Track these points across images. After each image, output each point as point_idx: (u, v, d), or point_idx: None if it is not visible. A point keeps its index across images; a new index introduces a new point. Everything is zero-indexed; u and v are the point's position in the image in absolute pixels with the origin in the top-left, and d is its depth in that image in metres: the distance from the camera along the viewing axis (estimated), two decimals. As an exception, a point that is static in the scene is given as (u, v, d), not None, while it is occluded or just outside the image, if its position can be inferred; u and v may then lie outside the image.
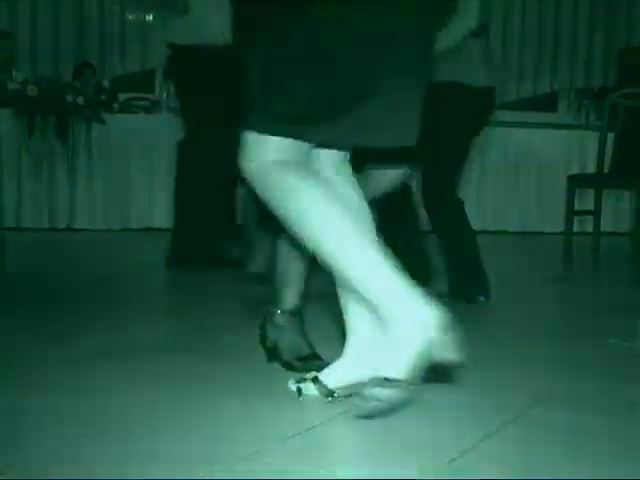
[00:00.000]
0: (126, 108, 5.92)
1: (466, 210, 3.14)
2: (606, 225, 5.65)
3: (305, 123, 1.66)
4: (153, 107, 6.08)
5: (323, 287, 1.82)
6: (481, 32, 2.97)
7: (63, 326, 2.46)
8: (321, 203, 1.64)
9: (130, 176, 5.72)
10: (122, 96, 6.12)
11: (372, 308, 1.58)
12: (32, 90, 5.35)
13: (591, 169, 5.36)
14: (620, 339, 2.45)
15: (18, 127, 5.45)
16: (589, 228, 5.17)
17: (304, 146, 1.70)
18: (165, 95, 6.32)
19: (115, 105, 5.79)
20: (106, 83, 5.95)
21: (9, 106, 5.43)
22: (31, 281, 3.47)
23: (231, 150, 1.83)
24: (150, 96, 6.41)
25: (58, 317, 2.61)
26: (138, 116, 5.92)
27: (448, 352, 1.51)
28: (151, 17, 6.96)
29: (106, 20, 6.88)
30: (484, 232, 5.79)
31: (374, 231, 1.75)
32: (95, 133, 5.60)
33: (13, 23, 6.37)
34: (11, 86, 5.52)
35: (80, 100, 5.42)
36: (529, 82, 7.27)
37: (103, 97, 5.68)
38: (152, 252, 4.68)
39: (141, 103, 6.12)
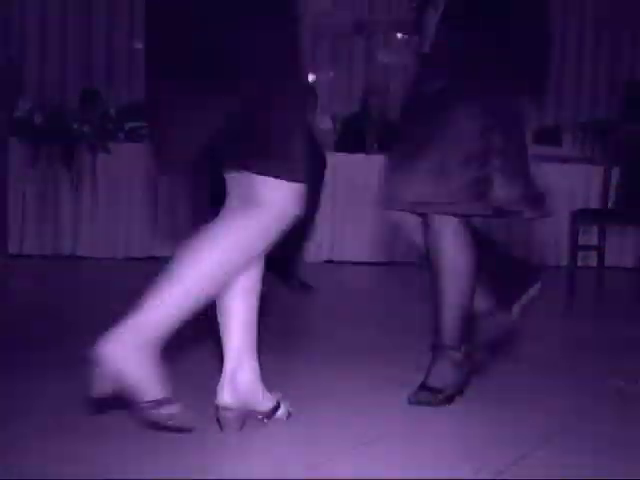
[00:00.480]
0: (132, 137, 5.93)
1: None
2: (610, 259, 5.63)
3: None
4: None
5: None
6: None
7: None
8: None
9: (134, 205, 5.72)
10: (128, 125, 6.13)
11: None
12: (38, 118, 5.38)
13: (595, 203, 5.35)
14: (622, 380, 2.42)
15: (24, 154, 5.48)
16: (593, 262, 5.15)
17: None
18: None
19: (121, 134, 5.80)
20: (112, 111, 5.96)
21: (15, 134, 5.45)
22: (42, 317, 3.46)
23: None
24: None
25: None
26: (144, 145, 5.93)
27: None
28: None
29: (114, 47, 6.95)
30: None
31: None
32: (100, 161, 5.62)
33: (22, 50, 6.44)
34: (17, 114, 5.55)
35: (86, 129, 5.44)
36: (533, 114, 7.28)
37: (110, 126, 5.70)
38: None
39: (147, 132, 6.13)
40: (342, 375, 2.43)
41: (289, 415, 1.92)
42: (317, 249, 5.78)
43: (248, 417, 1.84)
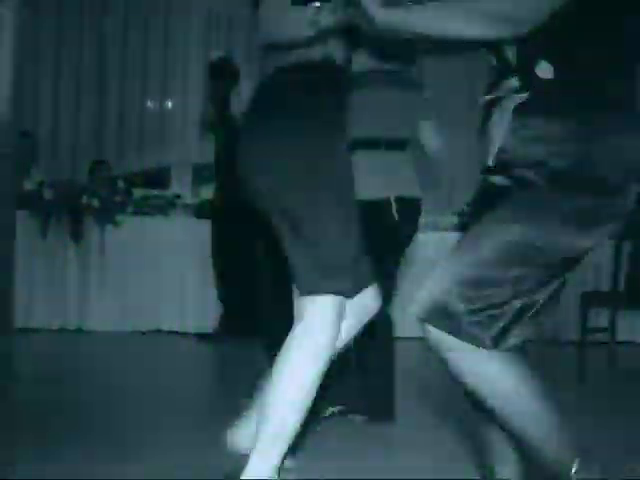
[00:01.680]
0: (140, 208, 5.93)
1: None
2: (622, 334, 5.53)
3: None
4: (167, 207, 6.09)
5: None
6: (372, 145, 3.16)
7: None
8: None
9: (141, 278, 5.69)
10: (137, 192, 6.15)
11: None
12: (48, 193, 5.40)
13: (606, 274, 5.25)
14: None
15: (32, 228, 5.48)
16: (605, 337, 5.03)
17: None
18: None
19: (129, 207, 5.81)
20: (121, 183, 5.97)
21: (25, 207, 5.46)
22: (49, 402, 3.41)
23: None
24: (166, 193, 6.45)
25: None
26: (152, 218, 5.92)
27: None
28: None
29: (125, 117, 7.01)
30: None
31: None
32: (108, 234, 5.62)
33: (35, 121, 6.50)
34: (28, 186, 5.57)
35: (95, 202, 5.45)
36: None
37: (118, 198, 5.71)
38: (167, 357, 4.65)
39: (155, 202, 6.12)
40: None
41: None
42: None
43: None
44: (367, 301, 2.09)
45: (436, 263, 1.68)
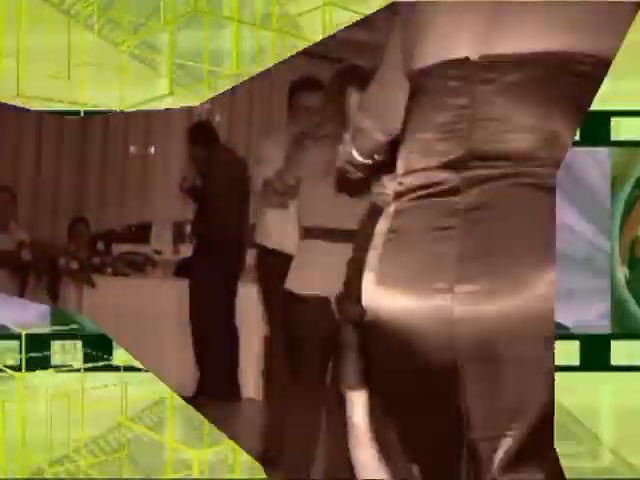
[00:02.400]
0: (119, 267, 5.89)
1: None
2: None
3: None
4: (146, 264, 6.06)
5: None
6: None
7: None
8: None
9: (119, 339, 5.64)
10: (116, 248, 6.12)
11: None
12: (26, 255, 5.36)
13: None
14: None
15: (9, 289, 5.43)
16: None
17: None
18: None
19: (108, 268, 5.78)
20: (100, 244, 5.94)
21: (2, 267, 5.41)
22: None
23: None
24: (145, 251, 6.41)
25: None
26: (130, 280, 5.89)
27: None
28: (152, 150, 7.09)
29: (107, 169, 7.00)
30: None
31: None
32: (86, 295, 5.58)
33: (15, 177, 6.48)
34: (6, 246, 5.53)
35: (73, 265, 5.42)
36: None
37: (96, 260, 5.69)
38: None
39: (135, 258, 6.09)
40: None
41: None
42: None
43: None
44: None
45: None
